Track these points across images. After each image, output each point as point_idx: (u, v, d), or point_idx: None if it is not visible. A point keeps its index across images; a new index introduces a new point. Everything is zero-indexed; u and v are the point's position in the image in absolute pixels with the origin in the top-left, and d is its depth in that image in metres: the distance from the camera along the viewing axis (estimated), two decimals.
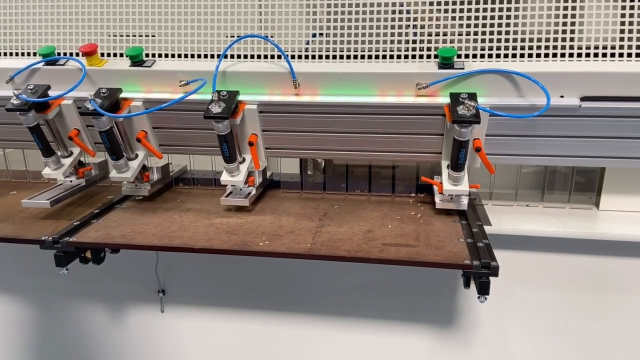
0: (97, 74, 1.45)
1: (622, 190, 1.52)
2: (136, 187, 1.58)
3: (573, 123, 1.32)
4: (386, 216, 1.46)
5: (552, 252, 1.50)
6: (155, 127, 1.49)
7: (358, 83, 1.36)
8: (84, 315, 1.86)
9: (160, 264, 1.73)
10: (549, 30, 1.31)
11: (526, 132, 1.35)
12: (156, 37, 1.47)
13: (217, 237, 1.33)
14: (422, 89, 1.31)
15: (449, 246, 1.25)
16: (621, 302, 1.53)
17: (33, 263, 1.82)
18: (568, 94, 1.29)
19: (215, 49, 1.45)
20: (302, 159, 1.66)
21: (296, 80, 1.36)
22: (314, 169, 1.65)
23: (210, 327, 1.80)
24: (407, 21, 1.35)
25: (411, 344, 1.68)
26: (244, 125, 1.43)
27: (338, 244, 1.27)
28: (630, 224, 1.47)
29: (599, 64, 1.29)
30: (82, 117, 1.48)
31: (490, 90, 1.31)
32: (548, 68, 1.29)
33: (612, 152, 1.36)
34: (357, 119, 1.38)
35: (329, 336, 1.73)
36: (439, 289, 1.61)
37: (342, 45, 1.39)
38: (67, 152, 1.54)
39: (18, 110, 1.38)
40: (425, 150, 1.41)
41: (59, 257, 1.33)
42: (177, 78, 1.41)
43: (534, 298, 1.57)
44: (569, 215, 1.53)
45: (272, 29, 1.42)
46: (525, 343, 1.63)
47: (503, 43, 1.32)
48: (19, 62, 1.50)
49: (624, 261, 1.48)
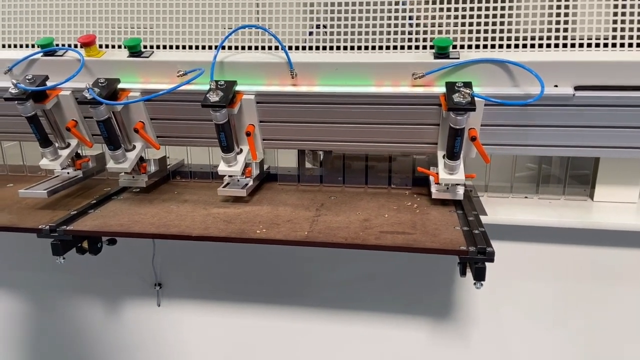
0: (95, 65, 1.45)
1: (616, 181, 1.53)
2: (133, 178, 1.58)
3: (567, 112, 1.33)
4: (383, 206, 1.47)
5: (547, 242, 1.51)
6: (153, 118, 1.50)
7: (355, 73, 1.37)
8: (79, 309, 1.85)
9: (157, 256, 1.73)
10: (543, 21, 1.33)
11: (521, 121, 1.36)
12: (154, 29, 1.48)
13: (214, 225, 1.33)
14: (418, 78, 1.33)
15: (445, 234, 1.26)
16: (616, 292, 1.54)
17: (27, 257, 1.82)
18: (562, 83, 1.31)
19: (213, 40, 1.46)
20: (300, 152, 1.67)
21: (293, 70, 1.37)
22: (313, 161, 1.66)
23: (207, 321, 1.79)
24: (403, 12, 1.37)
25: (408, 336, 1.68)
26: (242, 116, 1.44)
27: (335, 232, 1.28)
28: (624, 213, 1.48)
29: (592, 54, 1.31)
30: (80, 109, 1.49)
31: (485, 80, 1.32)
32: (542, 58, 1.31)
33: (606, 142, 1.37)
34: (354, 109, 1.39)
35: (326, 329, 1.73)
36: (435, 280, 1.62)
37: (339, 37, 1.41)
38: (65, 143, 1.54)
39: (16, 100, 1.38)
40: (422, 140, 1.43)
41: (56, 246, 1.33)
42: (175, 69, 1.42)
43: (530, 289, 1.58)
44: (564, 206, 1.55)
45: (270, 20, 1.44)
46: (522, 333, 1.63)
47: (498, 34, 1.34)
48: (17, 53, 1.51)
49: (619, 251, 1.50)
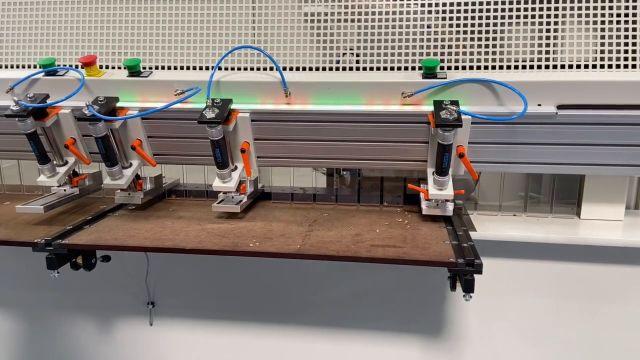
0: (95, 84, 1.50)
1: (602, 199, 1.57)
2: (129, 195, 1.61)
3: (551, 130, 1.38)
4: (374, 222, 1.49)
5: (535, 259, 1.54)
6: (150, 136, 1.54)
7: (346, 92, 1.42)
8: (71, 327, 1.84)
9: (150, 274, 1.74)
10: (527, 44, 1.39)
11: (507, 139, 1.41)
12: (154, 51, 1.54)
13: (208, 239, 1.36)
14: (407, 97, 1.38)
15: (434, 247, 1.29)
16: (605, 308, 1.56)
17: (20, 275, 1.83)
18: (545, 102, 1.36)
19: (210, 61, 1.52)
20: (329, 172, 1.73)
21: (287, 89, 1.42)
22: (340, 184, 1.71)
23: (199, 340, 1.79)
24: (392, 35, 1.43)
25: (400, 354, 1.68)
26: (237, 133, 1.48)
27: (327, 245, 1.30)
28: (611, 230, 1.52)
29: (574, 74, 1.37)
30: (78, 127, 1.53)
31: (472, 99, 1.37)
32: (526, 78, 1.36)
33: (591, 159, 1.42)
34: (345, 127, 1.44)
35: (318, 347, 1.72)
36: (426, 298, 1.63)
37: (331, 58, 1.46)
38: (63, 161, 1.58)
39: (17, 117, 1.42)
40: (412, 157, 1.47)
41: (51, 260, 1.34)
42: (172, 88, 1.46)
43: (520, 305, 1.59)
44: (552, 223, 1.58)
45: (265, 42, 1.49)
46: (513, 349, 1.63)
47: (483, 55, 1.40)
48: (19, 73, 1.55)
49: (607, 268, 1.52)
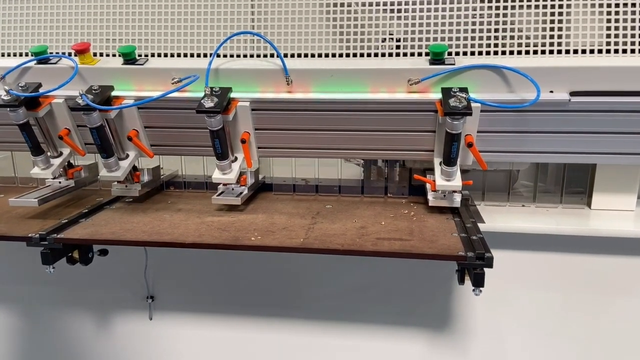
0: (89, 72, 1.44)
1: (613, 189, 1.52)
2: (126, 187, 1.56)
3: (563, 118, 1.33)
4: (379, 214, 1.45)
5: (545, 250, 1.49)
6: (147, 126, 1.48)
7: (350, 80, 1.37)
8: (69, 323, 1.80)
9: (149, 268, 1.70)
10: (537, 28, 1.34)
11: (517, 127, 1.36)
12: (149, 37, 1.48)
13: (208, 233, 1.31)
14: (413, 84, 1.32)
15: (442, 240, 1.24)
16: (615, 300, 1.52)
17: (16, 270, 1.78)
18: (557, 89, 1.31)
19: (209, 47, 1.46)
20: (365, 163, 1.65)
21: (289, 77, 1.37)
22: (377, 175, 1.65)
23: (199, 335, 1.75)
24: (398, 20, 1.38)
25: (405, 348, 1.65)
26: (237, 123, 1.43)
27: (331, 239, 1.26)
28: (622, 221, 1.47)
29: (588, 59, 1.31)
30: (72, 117, 1.47)
31: (481, 86, 1.32)
32: (537, 63, 1.31)
33: (603, 148, 1.37)
34: (349, 116, 1.39)
35: (321, 341, 1.69)
36: (432, 291, 1.59)
37: (334, 44, 1.41)
38: (57, 152, 1.52)
39: (8, 107, 1.37)
40: (418, 147, 1.42)
41: (46, 255, 1.30)
42: (169, 76, 1.40)
43: (528, 297, 1.55)
44: (562, 214, 1.53)
45: (265, 28, 1.44)
46: (521, 342, 1.60)
47: (493, 40, 1.35)
48: (11, 61, 1.49)
49: (617, 259, 1.48)
